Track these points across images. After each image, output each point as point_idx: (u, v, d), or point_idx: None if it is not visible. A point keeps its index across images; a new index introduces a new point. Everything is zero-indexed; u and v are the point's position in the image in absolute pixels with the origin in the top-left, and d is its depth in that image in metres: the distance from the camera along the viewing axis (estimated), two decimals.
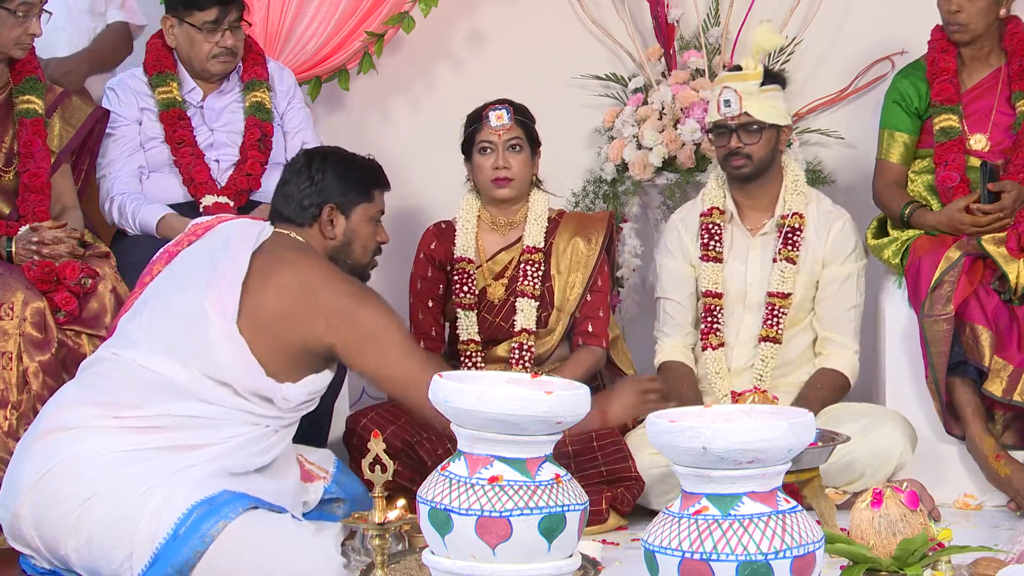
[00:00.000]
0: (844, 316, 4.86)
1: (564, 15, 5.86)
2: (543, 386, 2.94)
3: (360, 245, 3.93)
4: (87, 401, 3.64)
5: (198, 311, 3.66)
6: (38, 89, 4.57)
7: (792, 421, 2.69)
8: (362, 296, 3.74)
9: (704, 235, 4.88)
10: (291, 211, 3.88)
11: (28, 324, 4.19)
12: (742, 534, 2.66)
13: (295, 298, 3.67)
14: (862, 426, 4.58)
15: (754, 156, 4.77)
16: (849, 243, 4.88)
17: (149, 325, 3.71)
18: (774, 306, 4.81)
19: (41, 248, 4.33)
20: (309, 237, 3.86)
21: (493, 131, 4.73)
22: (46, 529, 3.57)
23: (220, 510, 3.50)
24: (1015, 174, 4.83)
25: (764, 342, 4.82)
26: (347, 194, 3.90)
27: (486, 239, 4.87)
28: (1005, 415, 4.74)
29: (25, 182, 4.50)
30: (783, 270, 4.81)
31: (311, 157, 3.95)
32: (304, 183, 3.88)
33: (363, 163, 4.03)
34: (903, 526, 3.18)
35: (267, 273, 3.70)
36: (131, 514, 3.51)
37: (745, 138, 4.75)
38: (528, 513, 2.82)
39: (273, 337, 3.65)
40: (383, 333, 3.71)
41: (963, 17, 4.90)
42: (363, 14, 5.50)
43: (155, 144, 4.85)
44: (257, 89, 4.92)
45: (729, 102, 4.74)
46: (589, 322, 4.80)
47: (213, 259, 3.75)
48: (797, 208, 4.84)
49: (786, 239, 4.82)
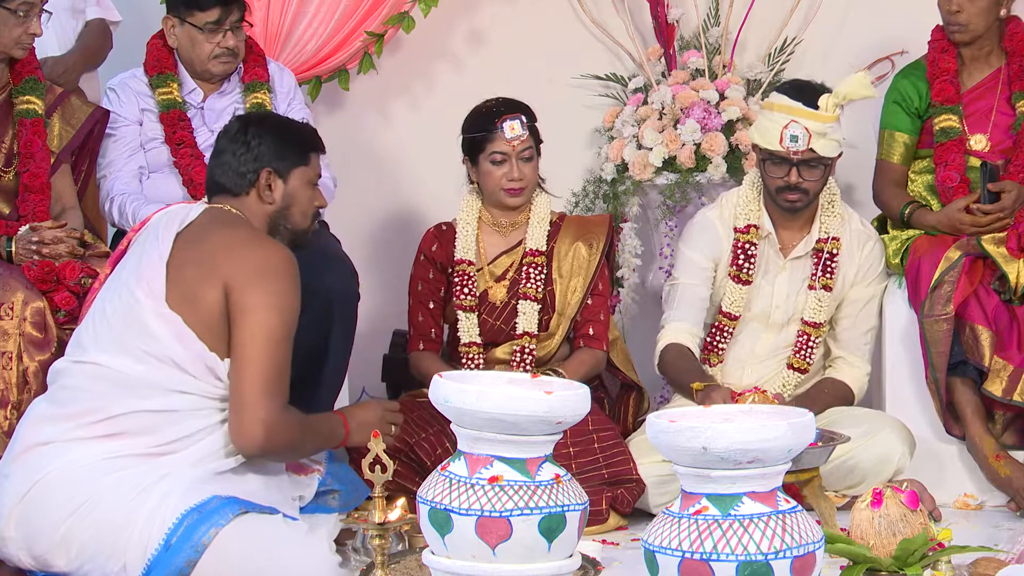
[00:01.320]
0: (861, 339, 4.81)
1: (564, 15, 5.86)
2: (543, 386, 2.95)
3: (299, 209, 3.89)
4: (56, 415, 3.63)
5: (131, 298, 3.65)
6: (38, 89, 4.56)
7: (792, 421, 2.69)
8: (276, 271, 3.65)
9: (740, 254, 4.73)
10: (228, 180, 3.84)
11: (28, 324, 4.19)
12: (742, 534, 2.66)
13: (217, 263, 3.64)
14: (862, 431, 4.57)
15: (811, 191, 4.64)
16: (877, 265, 4.82)
17: (94, 325, 3.71)
18: (808, 336, 4.73)
19: (41, 248, 4.33)
20: (246, 206, 3.83)
21: (507, 143, 4.70)
22: (35, 547, 3.56)
23: (211, 517, 3.49)
24: (1015, 174, 4.83)
25: (792, 370, 4.75)
26: (284, 158, 3.86)
27: (487, 241, 4.86)
28: (1005, 415, 4.74)
29: (25, 182, 4.50)
30: (820, 299, 4.71)
31: (247, 123, 3.91)
32: (240, 149, 3.84)
33: (299, 127, 4.02)
34: (903, 526, 3.18)
35: (189, 249, 3.68)
36: (122, 524, 3.49)
37: (806, 174, 4.60)
38: (528, 513, 2.82)
39: (200, 308, 3.62)
40: (270, 309, 3.61)
41: (964, 17, 4.90)
42: (363, 14, 5.50)
43: (155, 145, 4.85)
44: (258, 91, 4.91)
45: (796, 138, 4.53)
46: (590, 325, 4.80)
47: (143, 249, 3.75)
48: (834, 230, 4.72)
49: (824, 267, 4.71)
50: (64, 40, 5.11)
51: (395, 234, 5.82)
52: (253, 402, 3.58)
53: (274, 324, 3.63)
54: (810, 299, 4.73)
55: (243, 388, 3.59)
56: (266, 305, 3.63)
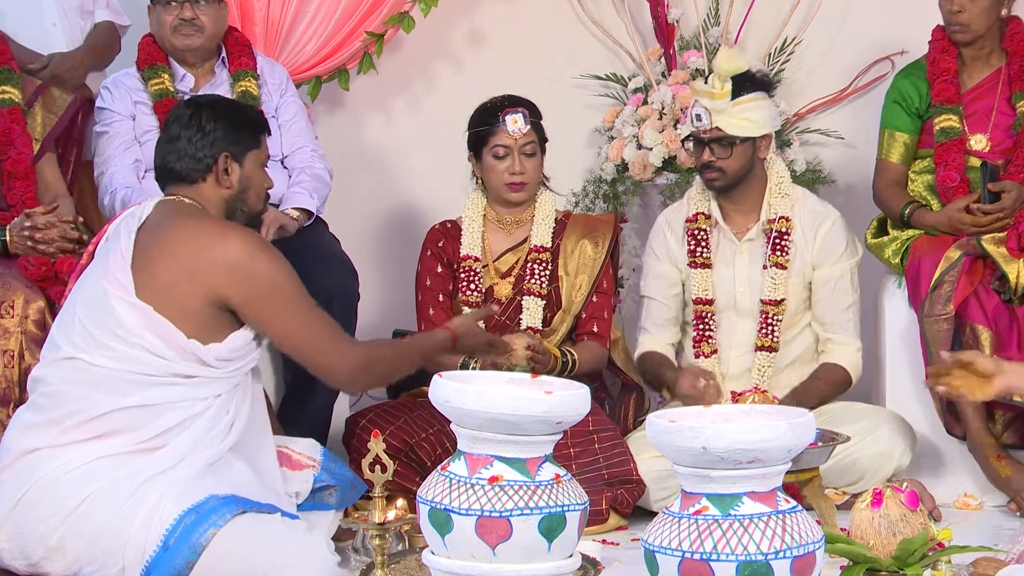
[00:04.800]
0: (843, 316, 4.84)
1: (564, 15, 5.86)
2: (543, 386, 2.95)
3: (254, 192, 3.87)
4: (40, 423, 3.62)
5: (100, 292, 3.63)
6: (13, 79, 4.58)
7: (792, 421, 2.69)
8: (255, 248, 3.68)
9: (691, 241, 4.86)
10: (183, 165, 3.80)
11: (30, 322, 4.20)
12: (742, 534, 2.66)
13: (187, 258, 3.63)
14: (862, 428, 4.59)
15: (727, 169, 4.73)
16: (840, 243, 4.85)
17: (65, 324, 3.70)
18: (768, 314, 4.79)
19: (34, 233, 4.33)
20: (202, 193, 3.80)
21: (509, 136, 4.71)
22: (31, 555, 3.56)
23: (208, 518, 3.49)
24: (1015, 174, 4.83)
25: (760, 351, 4.80)
26: (239, 141, 3.83)
27: (492, 239, 4.86)
28: (1005, 415, 4.74)
29: (8, 169, 4.51)
30: (774, 277, 4.79)
31: (198, 107, 3.87)
32: (196, 135, 3.80)
33: (248, 109, 4.02)
34: (903, 526, 3.18)
35: (153, 243, 3.66)
36: (118, 527, 3.49)
37: (718, 151, 4.72)
38: (528, 513, 2.82)
39: (176, 301, 3.61)
40: (280, 289, 3.67)
41: (965, 17, 4.90)
42: (363, 14, 5.50)
43: (150, 137, 4.85)
44: (243, 79, 4.93)
45: (700, 116, 4.71)
46: (594, 322, 4.80)
47: (107, 250, 3.74)
48: (783, 211, 4.81)
49: (774, 245, 4.80)
50: (73, 39, 5.14)
51: (395, 234, 5.82)
52: (330, 363, 3.72)
53: (288, 293, 3.67)
54: (765, 278, 4.80)
55: (316, 360, 3.72)
56: (270, 283, 3.65)
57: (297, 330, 3.69)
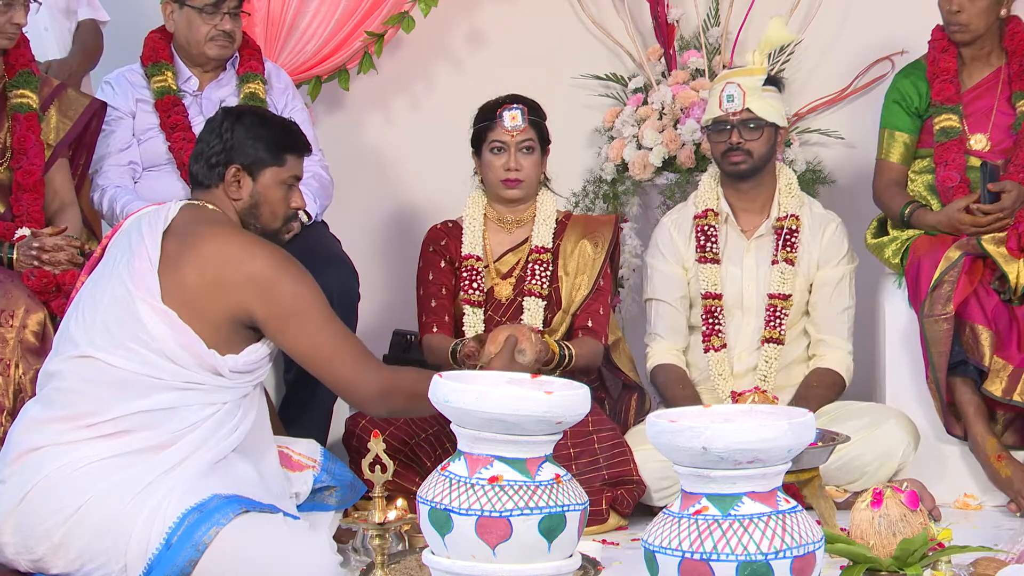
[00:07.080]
0: (838, 318, 4.88)
1: (564, 15, 5.86)
2: (543, 386, 2.94)
3: (268, 209, 3.82)
4: (50, 418, 3.61)
5: (124, 293, 3.62)
6: (32, 83, 4.53)
7: (792, 421, 2.69)
8: (280, 265, 3.67)
9: (700, 237, 4.89)
10: (199, 170, 3.80)
11: (28, 332, 4.17)
12: (742, 534, 2.66)
13: (215, 270, 3.62)
14: (865, 424, 4.60)
15: (754, 152, 4.78)
16: (842, 246, 4.91)
17: (84, 320, 3.68)
18: (775, 308, 4.82)
19: (41, 254, 4.31)
20: (218, 199, 3.79)
21: (506, 131, 4.71)
22: (34, 551, 3.55)
23: (211, 516, 3.48)
24: (1015, 174, 4.83)
25: (767, 343, 4.82)
26: (255, 156, 3.78)
27: (493, 239, 4.86)
28: (1006, 415, 4.75)
29: (19, 180, 4.46)
30: (783, 271, 4.83)
31: (227, 115, 3.84)
32: (215, 141, 3.78)
33: (279, 125, 3.90)
34: (903, 526, 3.18)
35: (182, 251, 3.65)
36: (122, 525, 3.49)
37: (746, 134, 4.76)
38: (528, 513, 2.82)
39: (201, 311, 3.60)
40: (304, 307, 3.66)
41: (964, 17, 4.90)
42: (363, 14, 5.50)
43: (150, 135, 4.85)
44: (252, 81, 4.92)
45: (732, 97, 4.75)
46: (589, 318, 4.80)
47: (129, 247, 3.71)
48: (793, 210, 4.87)
49: (785, 241, 4.84)
50: (62, 41, 5.13)
51: (395, 234, 5.82)
52: (350, 386, 3.73)
53: (312, 312, 3.67)
54: (774, 272, 4.83)
55: (337, 382, 3.73)
56: (294, 301, 3.65)
57: (319, 349, 3.69)
